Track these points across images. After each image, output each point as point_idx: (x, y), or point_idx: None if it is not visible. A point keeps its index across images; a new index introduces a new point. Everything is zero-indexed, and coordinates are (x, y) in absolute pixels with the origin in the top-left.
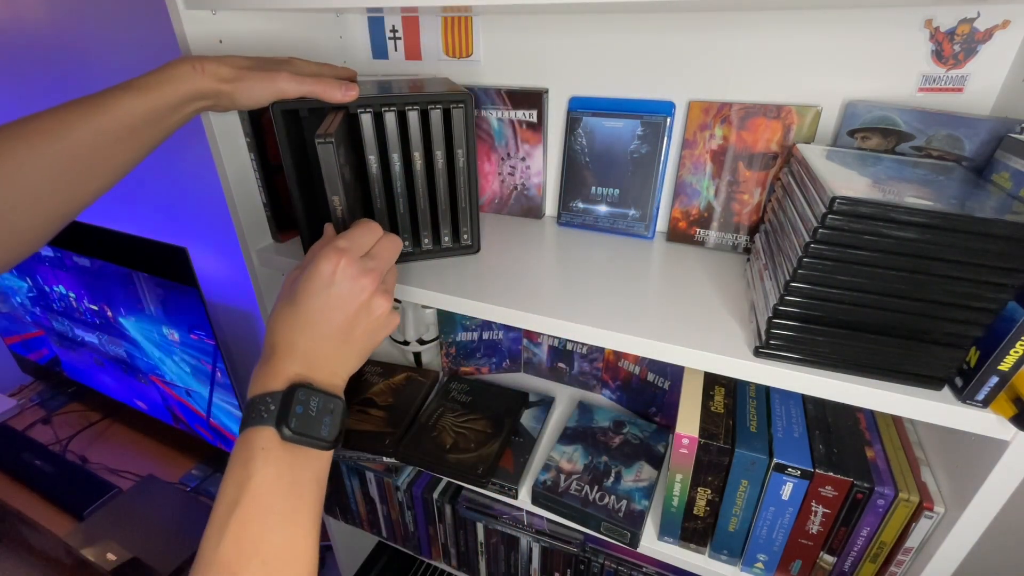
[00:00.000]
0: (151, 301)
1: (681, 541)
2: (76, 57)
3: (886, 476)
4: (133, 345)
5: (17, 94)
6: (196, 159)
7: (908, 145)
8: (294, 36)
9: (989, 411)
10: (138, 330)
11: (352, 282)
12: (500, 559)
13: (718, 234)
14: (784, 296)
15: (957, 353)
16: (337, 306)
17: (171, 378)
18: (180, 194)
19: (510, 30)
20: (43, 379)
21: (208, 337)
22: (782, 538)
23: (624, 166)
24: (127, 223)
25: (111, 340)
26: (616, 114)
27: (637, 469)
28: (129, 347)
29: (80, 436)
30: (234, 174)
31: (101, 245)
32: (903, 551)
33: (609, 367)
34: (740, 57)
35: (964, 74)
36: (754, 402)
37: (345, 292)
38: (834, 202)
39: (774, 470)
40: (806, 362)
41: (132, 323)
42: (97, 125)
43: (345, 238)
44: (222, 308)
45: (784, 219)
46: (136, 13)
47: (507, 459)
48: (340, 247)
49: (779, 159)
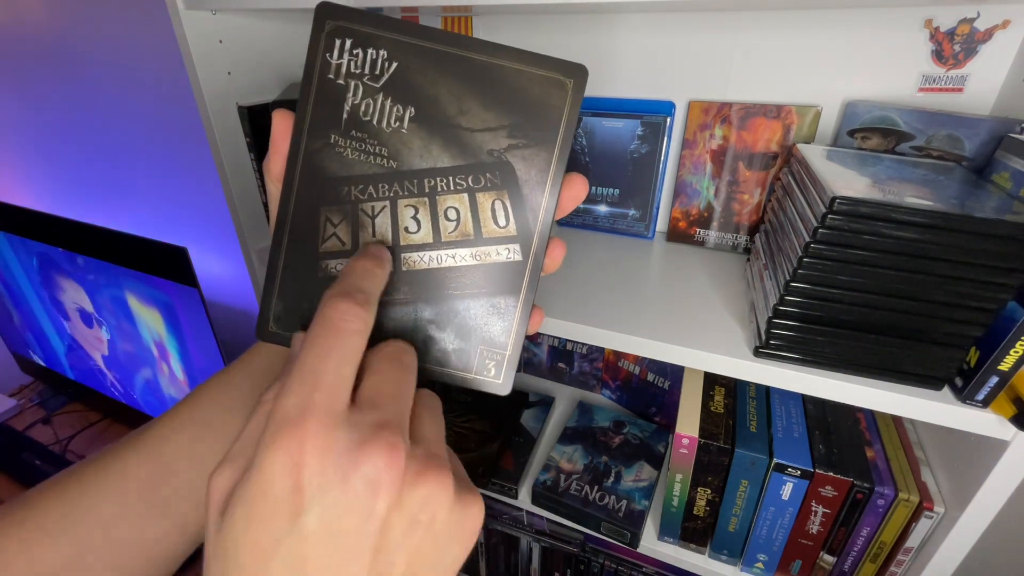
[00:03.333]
0: (151, 301)
1: (681, 541)
2: (76, 57)
3: (886, 476)
4: (132, 344)
5: (17, 94)
6: (196, 159)
7: (908, 145)
8: (294, 36)
9: (989, 411)
10: (137, 329)
11: (348, 490)
12: (500, 559)
13: (718, 234)
14: (784, 296)
15: (957, 353)
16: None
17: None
18: (180, 194)
19: (510, 30)
20: (43, 379)
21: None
22: (782, 538)
23: (624, 166)
24: (127, 223)
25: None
26: (616, 114)
27: (637, 469)
28: (128, 346)
29: (80, 436)
30: (234, 174)
31: (101, 245)
32: (903, 551)
33: (609, 367)
34: (740, 57)
35: (964, 74)
36: (754, 402)
37: (340, 522)
38: (834, 202)
39: (774, 470)
40: (806, 362)
41: (131, 323)
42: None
43: (305, 375)
44: (222, 308)
45: (784, 219)
46: (136, 13)
47: (507, 459)
48: (299, 411)
49: (779, 159)
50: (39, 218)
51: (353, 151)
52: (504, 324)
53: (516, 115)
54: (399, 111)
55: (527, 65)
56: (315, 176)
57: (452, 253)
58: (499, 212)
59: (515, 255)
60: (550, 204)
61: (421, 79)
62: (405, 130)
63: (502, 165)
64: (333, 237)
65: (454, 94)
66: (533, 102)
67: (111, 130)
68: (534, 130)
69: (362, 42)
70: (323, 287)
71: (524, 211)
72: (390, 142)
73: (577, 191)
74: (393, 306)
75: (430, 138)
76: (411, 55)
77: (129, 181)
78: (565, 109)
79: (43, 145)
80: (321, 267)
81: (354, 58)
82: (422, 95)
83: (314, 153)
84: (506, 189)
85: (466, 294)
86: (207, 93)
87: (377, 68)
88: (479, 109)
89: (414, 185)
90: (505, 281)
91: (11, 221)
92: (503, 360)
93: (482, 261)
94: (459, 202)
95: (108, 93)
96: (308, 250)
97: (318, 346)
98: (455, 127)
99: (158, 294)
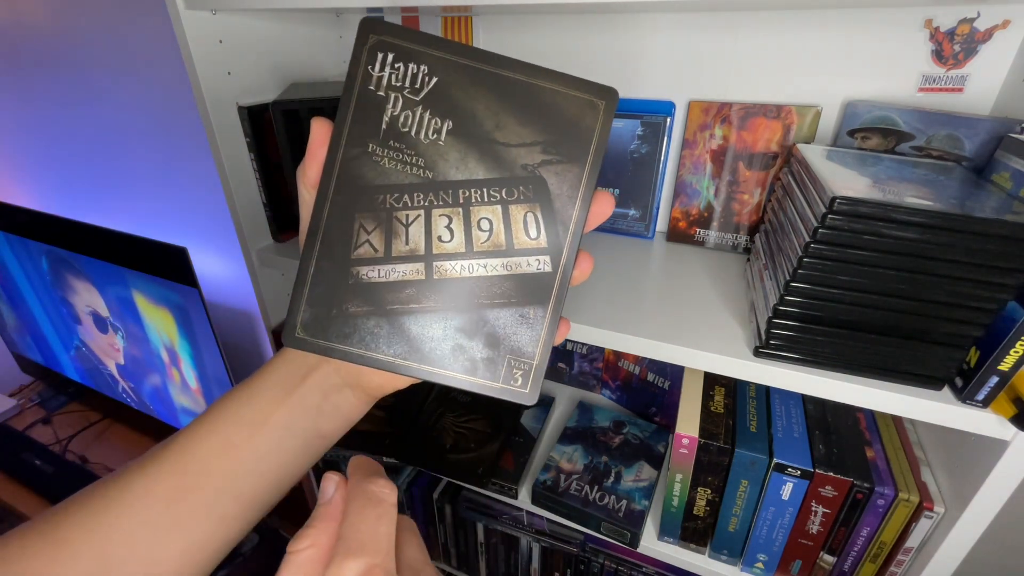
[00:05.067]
0: (150, 301)
1: (681, 541)
2: (76, 57)
3: (886, 476)
4: (132, 344)
5: (17, 94)
6: (196, 159)
7: (908, 145)
8: (294, 36)
9: (989, 411)
10: (137, 329)
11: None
12: (500, 559)
13: (718, 234)
14: (784, 296)
15: (957, 353)
16: None
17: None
18: (180, 194)
19: (510, 30)
20: (43, 379)
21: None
22: (782, 538)
23: (624, 166)
24: (127, 223)
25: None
26: (616, 114)
27: (637, 469)
28: (128, 346)
29: (80, 436)
30: (234, 174)
31: (101, 245)
32: (903, 551)
33: (609, 367)
34: (740, 57)
35: (964, 74)
36: (754, 402)
37: None
38: (834, 202)
39: (774, 470)
40: (806, 362)
41: (131, 322)
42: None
43: (364, 540)
44: (222, 308)
45: (784, 219)
46: (136, 13)
47: (507, 459)
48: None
49: (779, 159)
50: (39, 218)
51: (390, 160)
52: (532, 334)
53: (550, 132)
54: (437, 124)
55: (562, 86)
56: (351, 183)
57: (484, 263)
58: (531, 224)
59: (545, 266)
60: (580, 218)
61: (460, 94)
62: (442, 142)
63: (535, 179)
64: (366, 244)
65: (491, 110)
66: (567, 121)
67: (111, 130)
68: (567, 147)
69: (403, 56)
70: (353, 293)
71: (555, 224)
72: (427, 153)
73: (605, 207)
74: (423, 314)
75: (466, 151)
76: (451, 71)
77: (129, 181)
78: (597, 128)
79: (43, 145)
80: (352, 273)
81: (395, 71)
82: (460, 109)
83: (351, 161)
84: (538, 202)
85: (496, 303)
86: (207, 93)
87: (418, 82)
88: (515, 125)
89: (449, 196)
90: (535, 292)
91: (11, 221)
92: (530, 370)
93: (513, 271)
94: (492, 213)
95: (108, 93)
96: (340, 256)
97: (371, 513)
98: (491, 141)
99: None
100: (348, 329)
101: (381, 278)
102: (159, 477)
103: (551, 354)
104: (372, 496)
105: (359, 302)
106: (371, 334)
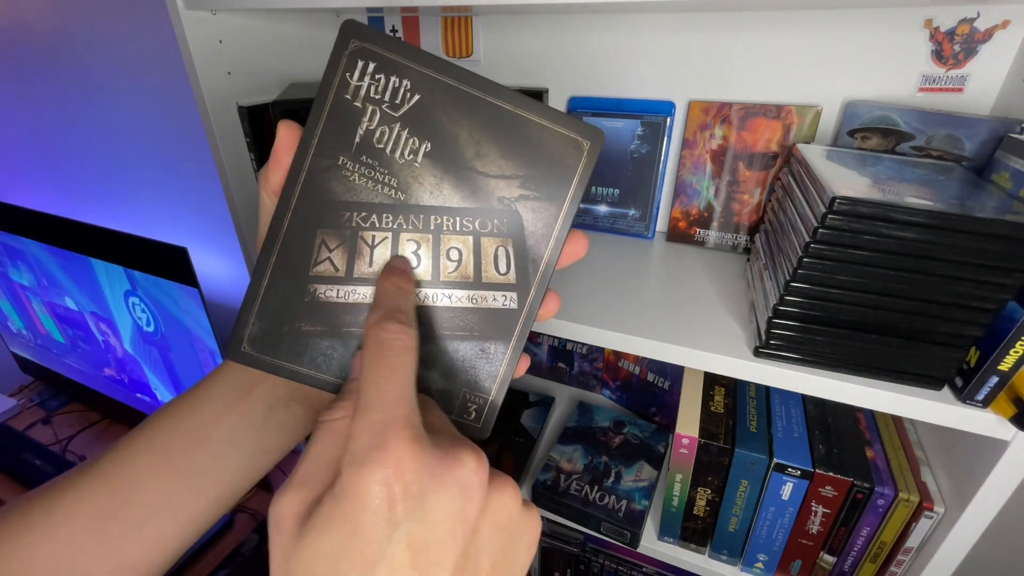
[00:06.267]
0: (150, 300)
1: (681, 541)
2: (76, 57)
3: (886, 476)
4: (132, 344)
5: (17, 94)
6: (196, 159)
7: (908, 145)
8: (294, 36)
9: (989, 411)
10: (137, 329)
11: (443, 496)
12: None
13: (718, 234)
14: (784, 296)
15: (957, 353)
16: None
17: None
18: (180, 194)
19: (510, 30)
20: (43, 379)
21: (209, 338)
22: (782, 538)
23: (624, 166)
24: (127, 223)
25: (110, 339)
26: (616, 114)
27: (637, 469)
28: (128, 346)
29: (80, 436)
30: (234, 174)
31: (101, 245)
32: (903, 551)
33: (609, 367)
34: (740, 57)
35: (964, 74)
36: (754, 402)
37: (437, 528)
38: (834, 202)
39: (774, 470)
40: (806, 362)
41: (131, 322)
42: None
43: (382, 392)
44: (222, 308)
45: (784, 219)
46: (136, 13)
47: (507, 459)
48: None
49: (779, 159)
50: (39, 218)
51: (361, 177)
52: (491, 369)
53: (532, 167)
54: (415, 144)
55: (549, 121)
56: (316, 196)
57: (449, 293)
58: (501, 259)
59: (512, 303)
60: (552, 258)
61: (443, 116)
62: (418, 164)
63: (511, 213)
64: (327, 261)
65: (474, 137)
66: (550, 157)
67: (111, 130)
68: (547, 185)
69: (386, 68)
70: (308, 312)
71: (526, 261)
72: (401, 174)
73: (578, 249)
74: None
75: (443, 176)
76: (436, 90)
77: (129, 181)
78: (579, 169)
79: (43, 145)
80: (309, 290)
81: (375, 83)
82: (441, 132)
83: (318, 172)
84: (511, 237)
85: (457, 336)
86: (207, 93)
87: (398, 97)
88: (496, 156)
89: (419, 220)
90: (498, 327)
91: (11, 221)
92: (485, 405)
93: (478, 305)
94: (463, 243)
95: (108, 93)
96: (297, 271)
97: (384, 366)
98: (470, 169)
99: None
100: (299, 348)
101: (340, 299)
102: (88, 494)
103: (551, 354)
104: (384, 345)
105: (314, 321)
106: (323, 355)
